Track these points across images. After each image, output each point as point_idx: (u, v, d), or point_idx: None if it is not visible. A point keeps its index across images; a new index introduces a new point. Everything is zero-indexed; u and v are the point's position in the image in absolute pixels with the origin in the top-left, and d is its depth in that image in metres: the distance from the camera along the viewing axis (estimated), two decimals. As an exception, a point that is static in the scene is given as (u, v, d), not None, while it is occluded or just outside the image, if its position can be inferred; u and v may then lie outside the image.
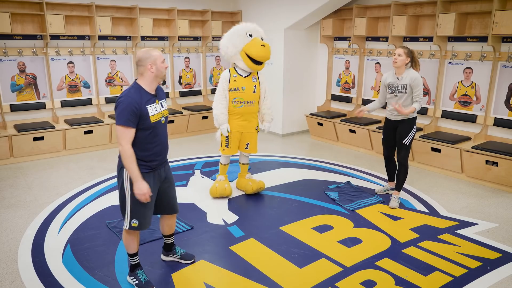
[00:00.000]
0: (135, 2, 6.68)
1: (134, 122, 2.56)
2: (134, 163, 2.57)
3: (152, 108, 2.65)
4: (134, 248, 2.85)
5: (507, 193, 4.67)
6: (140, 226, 2.74)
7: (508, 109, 5.09)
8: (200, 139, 6.99)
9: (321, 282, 2.96)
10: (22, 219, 3.93)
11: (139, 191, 2.57)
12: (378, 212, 4.14)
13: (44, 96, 6.21)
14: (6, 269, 3.09)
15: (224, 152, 4.43)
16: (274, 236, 3.63)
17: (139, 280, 2.86)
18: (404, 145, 4.15)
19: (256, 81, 4.32)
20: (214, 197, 4.45)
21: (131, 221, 2.71)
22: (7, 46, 5.78)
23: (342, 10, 6.72)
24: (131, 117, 2.53)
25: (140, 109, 2.57)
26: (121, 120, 2.53)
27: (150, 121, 2.62)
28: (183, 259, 3.18)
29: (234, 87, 4.22)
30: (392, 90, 4.10)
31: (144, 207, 2.71)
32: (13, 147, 5.54)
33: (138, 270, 2.89)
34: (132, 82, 7.20)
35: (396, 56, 3.98)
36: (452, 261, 3.24)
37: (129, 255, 2.88)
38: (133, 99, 2.56)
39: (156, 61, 2.63)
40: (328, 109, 7.32)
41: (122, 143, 2.55)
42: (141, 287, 2.83)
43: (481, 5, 5.15)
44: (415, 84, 3.95)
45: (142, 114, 2.58)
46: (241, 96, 4.22)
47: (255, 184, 4.50)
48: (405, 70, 4.02)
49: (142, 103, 2.59)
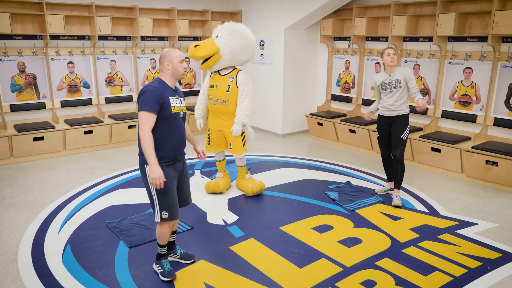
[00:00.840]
0: (135, 2, 6.68)
1: (157, 109, 2.72)
2: (152, 148, 2.69)
3: (173, 100, 2.83)
4: (165, 240, 2.99)
5: (507, 193, 4.67)
6: (171, 216, 2.87)
7: (508, 109, 5.09)
8: (200, 139, 6.95)
9: (321, 282, 2.96)
10: (22, 219, 3.93)
11: (154, 175, 2.68)
12: (378, 212, 4.14)
13: (44, 96, 6.21)
14: (6, 269, 3.10)
15: (207, 149, 4.54)
16: (274, 236, 3.63)
17: (163, 268, 2.99)
18: (402, 140, 4.22)
19: (233, 80, 4.24)
20: (208, 192, 4.55)
21: (162, 213, 2.85)
22: (7, 46, 5.78)
23: (342, 10, 6.72)
24: (154, 104, 2.70)
25: (163, 97, 2.75)
26: (145, 106, 2.69)
27: (171, 111, 2.79)
28: (183, 259, 3.21)
29: (211, 84, 4.35)
30: (386, 87, 4.21)
31: (170, 198, 2.85)
32: (13, 147, 5.54)
33: (163, 259, 3.03)
34: (132, 82, 7.22)
35: (391, 55, 4.14)
36: (452, 261, 3.24)
37: (159, 246, 3.01)
38: (157, 88, 2.76)
39: (173, 59, 2.83)
40: (328, 109, 7.32)
41: (144, 128, 2.69)
42: (164, 275, 2.96)
43: (481, 5, 5.15)
44: (409, 78, 4.13)
45: (165, 103, 2.76)
46: (214, 94, 4.30)
47: (255, 187, 4.49)
48: (395, 67, 4.20)
49: (165, 93, 2.78)
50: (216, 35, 4.23)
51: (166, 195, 2.83)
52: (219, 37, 4.19)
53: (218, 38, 4.19)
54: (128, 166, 5.46)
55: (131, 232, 3.63)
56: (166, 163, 2.82)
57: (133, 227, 3.72)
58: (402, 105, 4.18)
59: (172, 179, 2.86)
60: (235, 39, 4.16)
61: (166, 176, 2.79)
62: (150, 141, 2.68)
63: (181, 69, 2.86)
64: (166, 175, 2.79)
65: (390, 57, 4.13)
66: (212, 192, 4.54)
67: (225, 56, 4.17)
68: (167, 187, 2.81)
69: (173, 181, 2.87)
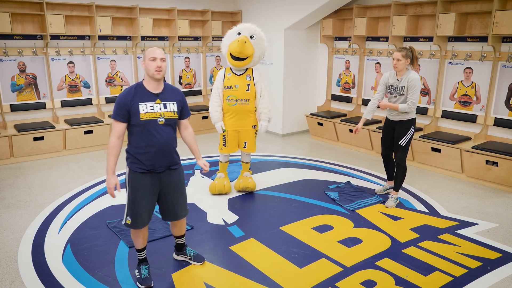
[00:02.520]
0: (135, 2, 6.68)
1: (122, 116, 2.65)
2: (112, 156, 2.66)
3: (145, 106, 2.67)
4: (139, 244, 2.92)
5: (507, 193, 4.67)
6: (132, 224, 2.79)
7: (508, 109, 5.09)
8: (200, 139, 6.98)
9: (321, 282, 2.96)
10: (22, 219, 3.93)
11: (107, 184, 2.68)
12: (378, 212, 4.13)
13: (44, 96, 6.21)
14: (6, 269, 3.09)
15: (221, 151, 4.48)
16: (274, 236, 3.63)
17: (140, 274, 2.92)
18: (400, 146, 4.14)
19: (250, 79, 4.31)
20: (213, 194, 4.50)
21: (126, 218, 2.80)
22: (7, 46, 5.78)
23: (342, 10, 6.72)
24: (119, 111, 2.65)
25: (130, 104, 2.64)
26: (113, 113, 2.69)
27: (139, 118, 2.65)
28: (194, 260, 3.18)
29: (228, 85, 4.27)
30: (391, 91, 4.12)
31: (137, 206, 2.75)
32: (13, 147, 5.54)
33: (142, 265, 2.96)
34: (132, 82, 7.23)
35: (395, 62, 3.96)
36: (452, 261, 3.24)
37: (136, 250, 2.97)
38: (125, 95, 2.67)
39: (145, 58, 2.69)
40: (328, 109, 7.32)
41: (110, 135, 2.70)
42: (140, 282, 2.88)
43: (481, 5, 5.15)
44: (411, 85, 3.93)
45: (132, 110, 2.65)
46: (234, 94, 4.26)
47: (244, 183, 4.53)
48: (405, 72, 4.02)
49: (134, 100, 2.65)
50: (250, 35, 4.21)
51: (131, 202, 2.74)
52: (254, 39, 4.22)
53: (253, 39, 4.22)
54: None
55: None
56: (141, 170, 2.71)
57: (133, 227, 3.72)
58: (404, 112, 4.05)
59: (146, 187, 2.73)
60: (263, 44, 4.30)
61: (138, 182, 2.71)
62: (111, 149, 2.65)
63: (151, 67, 2.63)
64: (139, 181, 2.71)
65: (393, 62, 3.97)
66: (218, 193, 4.52)
67: (255, 58, 4.27)
68: (135, 194, 2.72)
69: (146, 190, 2.74)
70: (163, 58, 2.67)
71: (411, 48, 4.01)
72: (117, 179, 2.70)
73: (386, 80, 4.18)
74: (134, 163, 2.72)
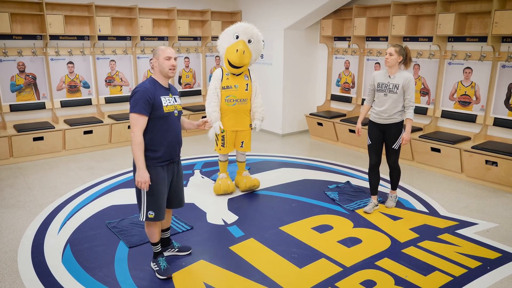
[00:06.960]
0: (135, 2, 6.68)
1: (147, 110, 2.71)
2: (141, 151, 2.70)
3: (165, 99, 2.80)
4: (156, 238, 3.00)
5: (507, 193, 4.68)
6: (157, 216, 2.87)
7: (507, 109, 5.10)
8: (200, 139, 6.98)
9: (321, 282, 2.96)
10: (22, 219, 3.93)
11: (141, 178, 2.69)
12: (378, 212, 4.14)
13: (44, 96, 6.21)
14: (6, 269, 3.09)
15: (220, 151, 4.51)
16: (274, 236, 3.63)
17: (159, 266, 3.00)
18: (394, 150, 4.03)
19: (248, 79, 4.36)
20: (218, 194, 4.51)
21: (148, 212, 2.85)
22: (6, 46, 5.77)
23: (342, 10, 6.72)
24: (144, 105, 2.69)
25: (154, 98, 2.73)
26: (135, 107, 2.69)
27: (163, 111, 2.77)
28: (181, 251, 3.29)
29: (227, 85, 4.28)
30: (381, 89, 3.91)
31: (158, 199, 2.85)
32: (13, 147, 5.54)
33: (159, 257, 3.04)
34: (132, 82, 7.21)
35: (387, 55, 3.83)
36: (452, 261, 3.24)
37: (152, 244, 3.03)
38: (148, 88, 2.73)
39: (159, 56, 2.79)
40: (328, 109, 7.32)
41: (134, 130, 2.69)
42: (160, 273, 2.97)
43: (481, 5, 5.15)
44: (408, 86, 3.79)
45: (156, 103, 2.74)
46: (234, 94, 4.27)
47: (249, 182, 4.55)
48: (398, 69, 3.88)
49: (156, 93, 2.75)
50: (248, 39, 4.22)
51: (155, 196, 2.83)
52: (252, 43, 4.24)
53: (251, 44, 4.23)
54: (128, 166, 5.46)
55: (131, 232, 3.63)
56: (160, 163, 2.82)
57: (133, 227, 3.72)
58: (395, 114, 3.87)
59: (164, 180, 2.86)
60: (260, 46, 4.34)
61: (158, 177, 2.81)
62: (139, 144, 2.69)
63: (166, 66, 2.77)
64: (158, 176, 2.81)
65: (386, 56, 3.82)
66: (223, 193, 4.52)
67: (251, 62, 4.35)
68: (157, 188, 2.82)
69: (164, 182, 2.86)
70: (176, 57, 2.83)
71: (406, 47, 3.91)
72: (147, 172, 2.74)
73: (373, 80, 4.02)
74: (152, 159, 2.78)
